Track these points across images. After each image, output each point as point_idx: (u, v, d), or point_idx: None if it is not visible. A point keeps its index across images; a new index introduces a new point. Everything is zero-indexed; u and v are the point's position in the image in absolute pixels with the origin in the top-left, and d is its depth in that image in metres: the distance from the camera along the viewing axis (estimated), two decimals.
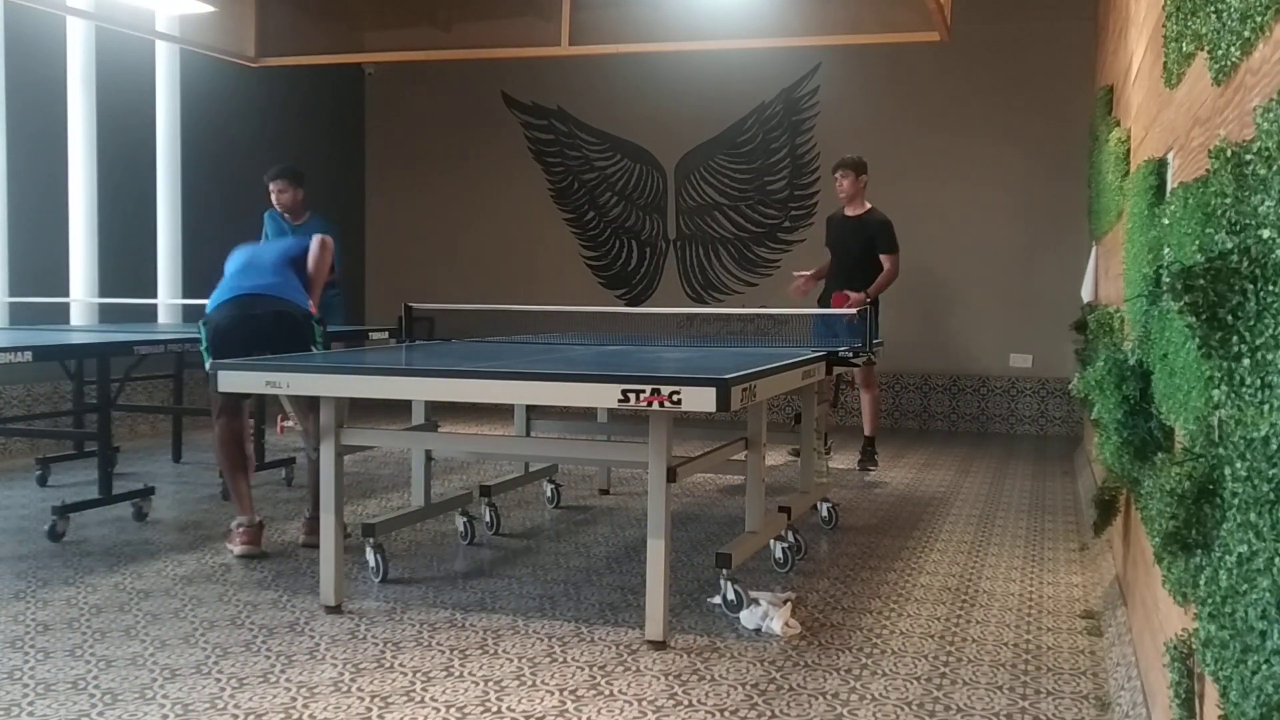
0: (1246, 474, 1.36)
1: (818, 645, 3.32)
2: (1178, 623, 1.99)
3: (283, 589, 3.86)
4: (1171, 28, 2.38)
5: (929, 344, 8.78)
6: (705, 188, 9.71)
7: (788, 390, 3.99)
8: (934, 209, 8.91)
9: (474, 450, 5.87)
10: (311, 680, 2.95)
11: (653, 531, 3.29)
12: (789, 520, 4.24)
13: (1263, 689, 1.21)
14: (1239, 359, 1.43)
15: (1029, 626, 3.56)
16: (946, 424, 8.97)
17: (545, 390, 3.33)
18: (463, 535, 4.64)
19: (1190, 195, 1.87)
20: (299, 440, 4.66)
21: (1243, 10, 1.57)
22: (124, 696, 2.82)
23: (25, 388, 6.81)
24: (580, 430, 5.40)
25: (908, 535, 4.93)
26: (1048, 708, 2.84)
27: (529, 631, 3.42)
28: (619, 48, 6.06)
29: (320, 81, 9.27)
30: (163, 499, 5.35)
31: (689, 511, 5.39)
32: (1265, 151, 1.34)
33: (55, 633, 3.33)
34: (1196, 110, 2.13)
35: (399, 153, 10.42)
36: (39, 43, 6.97)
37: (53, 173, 7.13)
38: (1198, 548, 1.69)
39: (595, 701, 2.83)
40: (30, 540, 4.52)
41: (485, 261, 10.07)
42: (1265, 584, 1.25)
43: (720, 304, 9.53)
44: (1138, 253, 2.90)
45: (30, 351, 4.47)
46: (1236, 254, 1.40)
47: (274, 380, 3.44)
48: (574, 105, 9.95)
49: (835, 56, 8.80)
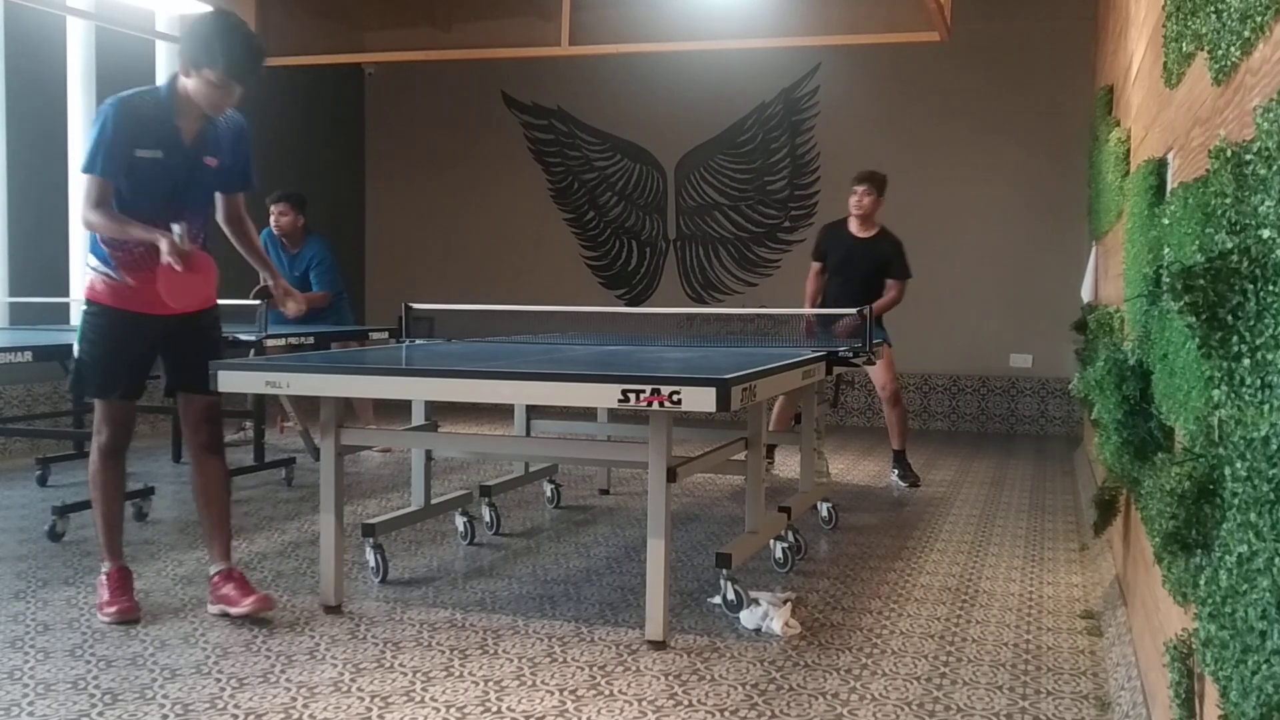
0: (1246, 474, 1.36)
1: (818, 645, 3.32)
2: (1178, 623, 1.99)
3: (283, 589, 3.86)
4: (1171, 28, 2.38)
5: (929, 344, 8.77)
6: (705, 188, 9.72)
7: (788, 390, 3.99)
8: (934, 209, 8.91)
9: (474, 450, 5.87)
10: (311, 680, 2.95)
11: (653, 531, 3.29)
12: (789, 520, 4.25)
13: (1263, 689, 1.21)
14: (1239, 359, 1.43)
15: (1029, 626, 3.56)
16: (946, 424, 8.97)
17: (545, 390, 3.33)
18: (463, 535, 4.64)
19: (1190, 195, 1.87)
20: (299, 440, 4.65)
21: (1243, 10, 1.57)
22: (124, 696, 2.82)
23: (25, 388, 6.82)
24: (580, 430, 5.40)
25: (908, 535, 4.93)
26: (1048, 708, 2.84)
27: (529, 631, 3.42)
28: (619, 48, 6.06)
29: (320, 81, 9.26)
30: (163, 499, 5.35)
31: (689, 511, 5.39)
32: (1265, 151, 1.34)
33: (55, 633, 3.33)
34: (1196, 110, 2.13)
35: (399, 153, 10.42)
36: (39, 43, 6.96)
37: (53, 173, 7.13)
38: (1198, 548, 1.69)
39: (595, 701, 2.83)
40: (30, 540, 4.52)
41: (485, 261, 10.07)
42: (1265, 584, 1.25)
43: (720, 304, 9.53)
44: (1138, 253, 2.90)
45: (30, 351, 4.48)
46: (1236, 254, 1.40)
47: (274, 380, 3.43)
48: (574, 105, 9.95)
49: (835, 56, 8.80)
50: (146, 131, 3.33)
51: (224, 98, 3.35)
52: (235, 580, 3.50)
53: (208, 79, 3.27)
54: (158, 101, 3.37)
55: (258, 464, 5.96)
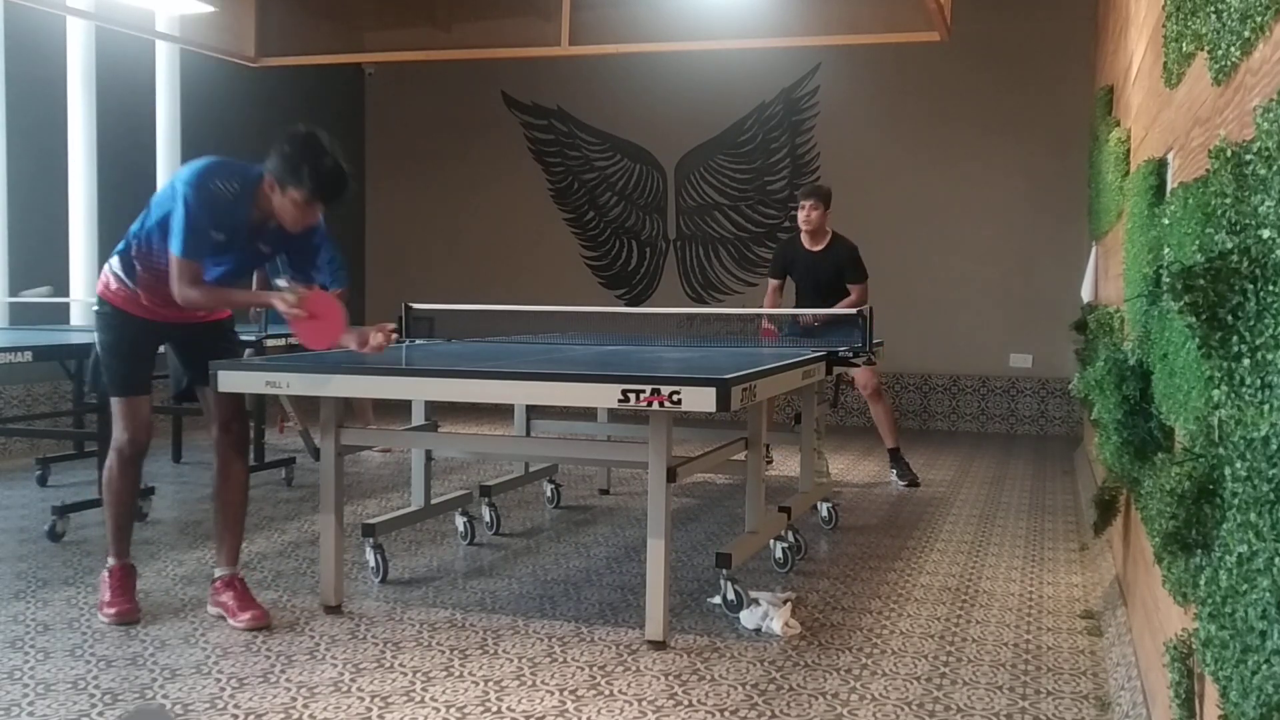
0: (1246, 474, 1.36)
1: (818, 645, 3.32)
2: (1178, 623, 1.99)
3: (283, 589, 3.86)
4: (1171, 28, 2.38)
5: (929, 344, 8.78)
6: (705, 188, 9.72)
7: (788, 390, 3.99)
8: (934, 208, 8.92)
9: (474, 450, 5.87)
10: (311, 680, 2.95)
11: (653, 531, 3.29)
12: (789, 520, 4.25)
13: (1263, 689, 1.21)
14: (1239, 359, 1.43)
15: (1029, 626, 3.56)
16: (946, 424, 8.97)
17: (545, 390, 3.33)
18: (463, 535, 4.64)
19: (1190, 195, 1.87)
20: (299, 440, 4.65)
21: (1243, 10, 1.57)
22: (124, 696, 2.82)
23: (25, 388, 6.81)
24: (580, 430, 5.40)
25: (908, 535, 4.93)
26: (1048, 708, 2.84)
27: (529, 631, 3.42)
28: (619, 48, 6.06)
29: (320, 81, 9.26)
30: (163, 499, 5.35)
31: (689, 511, 5.39)
32: (1265, 151, 1.34)
33: (55, 633, 3.33)
34: (1196, 110, 2.13)
35: (399, 153, 10.42)
36: (39, 43, 6.96)
37: (53, 173, 7.13)
38: (1198, 548, 1.69)
39: (595, 701, 2.83)
40: (30, 540, 4.52)
41: (485, 261, 10.06)
42: (1265, 584, 1.25)
43: (720, 304, 9.53)
44: (1138, 253, 2.90)
45: (30, 351, 4.48)
46: (1236, 254, 1.40)
47: (274, 380, 3.43)
48: (574, 105, 9.95)
49: (835, 56, 8.80)
50: (220, 220, 3.35)
51: (305, 217, 3.37)
52: (236, 590, 3.49)
53: (293, 199, 3.29)
54: (236, 196, 3.35)
55: (258, 464, 5.95)
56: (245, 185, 3.36)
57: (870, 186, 9.02)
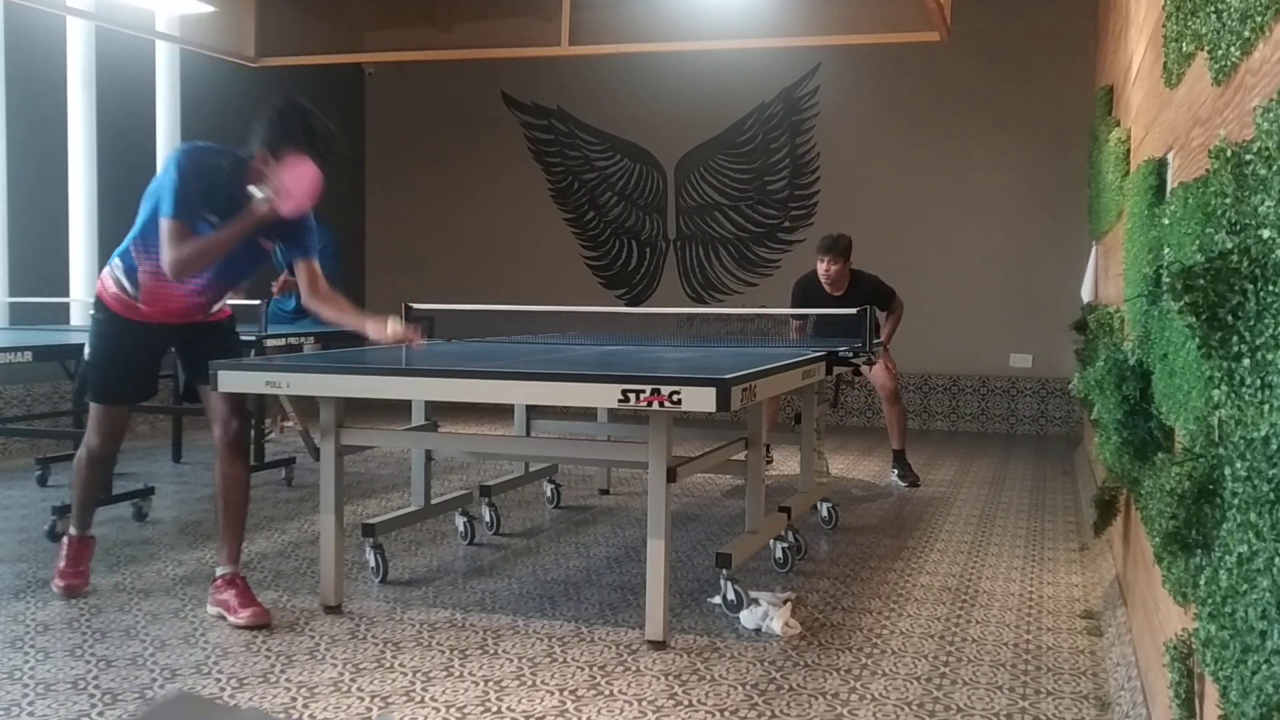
0: (1246, 474, 1.36)
1: (818, 645, 3.32)
2: (1178, 623, 1.99)
3: (282, 589, 3.86)
4: (1171, 28, 2.38)
5: (929, 344, 8.78)
6: (705, 188, 9.72)
7: (788, 390, 3.99)
8: (933, 209, 8.92)
9: (474, 450, 5.86)
10: (311, 680, 2.95)
11: (653, 531, 3.29)
12: (789, 520, 4.25)
13: (1263, 689, 1.21)
14: (1239, 359, 1.43)
15: (1029, 626, 3.56)
16: (946, 424, 8.97)
17: (545, 390, 3.33)
18: (463, 535, 4.64)
19: (1190, 195, 1.87)
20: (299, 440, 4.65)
21: (1243, 10, 1.57)
22: (124, 696, 2.82)
23: (25, 388, 6.81)
24: (580, 430, 5.40)
25: (908, 535, 4.93)
26: (1048, 708, 2.84)
27: (529, 631, 3.42)
28: (619, 48, 6.06)
29: (320, 81, 9.24)
30: (163, 499, 5.35)
31: (689, 511, 5.39)
32: (1265, 151, 1.34)
33: (55, 633, 3.33)
34: (1196, 110, 2.13)
35: (399, 153, 10.42)
36: (39, 43, 6.96)
37: (53, 173, 7.13)
38: (1198, 548, 1.69)
39: (595, 701, 2.83)
40: (30, 540, 4.52)
41: (485, 261, 10.07)
42: (1265, 584, 1.25)
43: (720, 304, 9.54)
44: (1138, 253, 2.90)
45: (30, 351, 4.48)
46: (1236, 254, 1.40)
47: (274, 380, 3.43)
48: (574, 105, 9.95)
49: (835, 56, 8.80)
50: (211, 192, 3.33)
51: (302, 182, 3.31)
52: (237, 587, 3.49)
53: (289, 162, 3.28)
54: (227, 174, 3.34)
55: (258, 464, 5.95)
56: (235, 165, 3.38)
57: (870, 187, 9.02)
